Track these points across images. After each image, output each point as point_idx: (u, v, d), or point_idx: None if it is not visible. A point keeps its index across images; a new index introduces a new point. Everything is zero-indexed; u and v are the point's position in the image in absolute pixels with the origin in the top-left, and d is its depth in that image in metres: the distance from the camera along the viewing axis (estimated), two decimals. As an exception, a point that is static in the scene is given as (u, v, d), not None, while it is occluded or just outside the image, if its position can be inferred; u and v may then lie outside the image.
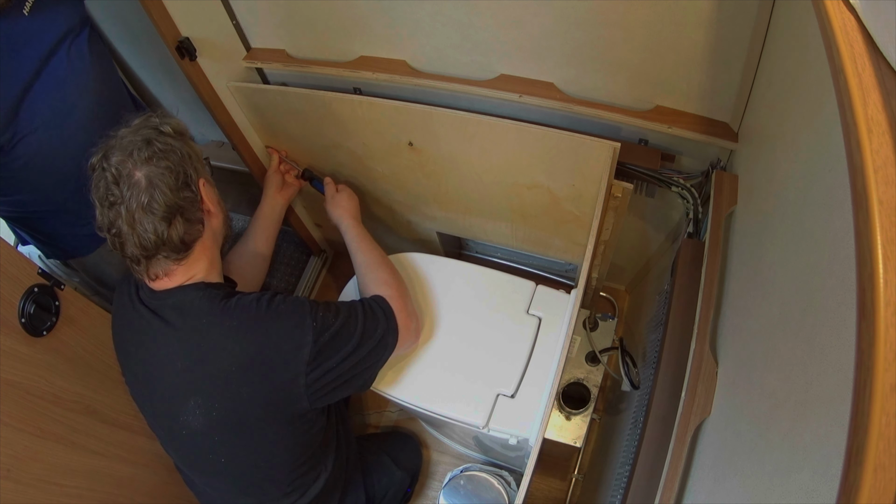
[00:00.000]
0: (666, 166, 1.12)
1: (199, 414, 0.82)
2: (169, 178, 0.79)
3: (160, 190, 0.78)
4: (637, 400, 1.12)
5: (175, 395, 0.84)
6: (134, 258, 0.80)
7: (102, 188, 0.79)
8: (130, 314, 0.87)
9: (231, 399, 0.82)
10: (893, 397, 0.33)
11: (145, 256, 0.80)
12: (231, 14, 1.19)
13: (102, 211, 0.79)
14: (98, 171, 0.80)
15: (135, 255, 0.80)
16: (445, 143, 1.17)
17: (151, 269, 0.82)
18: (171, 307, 0.83)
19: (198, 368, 0.82)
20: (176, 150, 0.82)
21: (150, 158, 0.78)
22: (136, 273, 0.84)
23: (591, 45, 0.97)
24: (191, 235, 0.82)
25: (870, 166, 0.40)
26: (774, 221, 0.70)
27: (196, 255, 0.84)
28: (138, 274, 0.84)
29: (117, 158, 0.78)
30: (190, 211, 0.82)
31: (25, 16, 0.88)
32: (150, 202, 0.77)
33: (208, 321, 0.82)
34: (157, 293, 0.84)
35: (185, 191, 0.81)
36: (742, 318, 0.75)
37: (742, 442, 0.62)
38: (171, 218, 0.79)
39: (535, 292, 1.22)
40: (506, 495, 1.24)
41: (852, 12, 0.49)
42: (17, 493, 0.79)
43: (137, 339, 0.88)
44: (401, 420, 1.63)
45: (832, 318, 0.47)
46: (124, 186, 0.77)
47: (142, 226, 0.77)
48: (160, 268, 0.82)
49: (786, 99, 0.75)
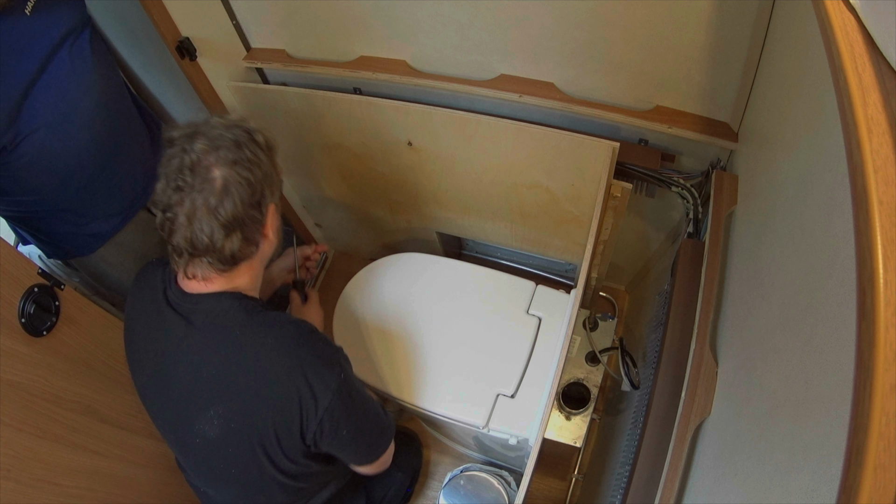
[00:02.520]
0: (666, 166, 1.12)
1: (216, 424, 0.80)
2: (245, 190, 0.75)
3: (232, 198, 0.74)
4: (637, 400, 1.12)
5: (194, 402, 0.81)
6: (178, 249, 0.76)
7: (175, 167, 0.74)
8: (152, 315, 0.84)
9: (252, 415, 0.79)
10: (893, 397, 0.33)
11: (190, 253, 0.76)
12: (231, 14, 1.19)
13: (165, 190, 0.74)
14: (177, 147, 0.75)
15: (180, 247, 0.76)
16: (445, 142, 1.17)
17: (191, 268, 0.78)
18: (204, 312, 0.80)
19: (224, 379, 0.79)
20: (262, 164, 0.78)
21: (234, 162, 0.75)
22: (173, 264, 0.80)
23: (591, 45, 0.97)
24: (242, 253, 0.79)
25: (870, 166, 0.40)
26: (774, 221, 0.70)
27: (240, 272, 0.81)
28: (175, 266, 0.80)
29: (201, 146, 0.74)
30: (251, 229, 0.78)
31: (27, 16, 0.88)
32: (218, 206, 0.74)
33: (243, 332, 0.79)
34: (189, 296, 0.81)
35: (254, 209, 0.77)
36: (742, 318, 0.75)
37: (742, 442, 0.62)
38: (231, 230, 0.75)
39: (535, 292, 1.22)
40: (506, 495, 1.24)
41: (852, 12, 0.49)
42: (17, 493, 0.79)
43: (158, 340, 0.84)
44: (401, 420, 1.63)
45: (832, 318, 0.47)
46: (199, 178, 0.73)
47: (199, 224, 0.73)
48: (200, 270, 0.78)
49: (786, 99, 0.75)
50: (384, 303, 1.26)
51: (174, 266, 0.80)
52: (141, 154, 1.18)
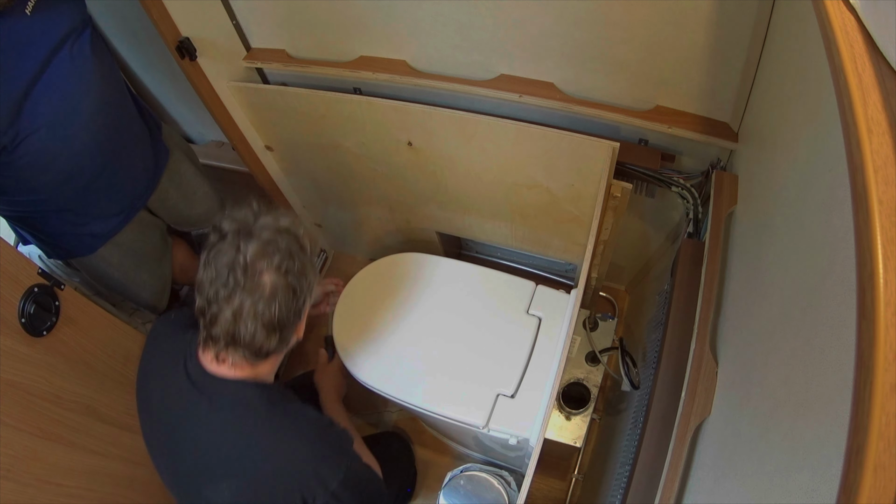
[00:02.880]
0: (666, 166, 1.12)
1: (227, 494, 0.83)
2: (290, 298, 0.79)
3: (278, 304, 0.78)
4: (637, 400, 1.12)
5: (208, 473, 0.84)
6: (215, 338, 0.79)
7: (225, 263, 0.77)
8: (172, 384, 0.87)
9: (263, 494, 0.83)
10: (893, 397, 0.33)
11: (227, 343, 0.79)
12: (231, 14, 1.19)
13: (213, 282, 0.77)
14: (228, 243, 0.78)
15: (218, 337, 0.79)
16: (445, 142, 1.17)
17: (222, 353, 0.81)
18: (225, 396, 0.84)
19: (242, 460, 0.83)
20: (307, 274, 0.82)
21: (286, 272, 0.78)
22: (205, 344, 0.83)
23: (591, 44, 0.97)
24: (276, 350, 0.83)
25: (870, 166, 0.40)
26: (774, 221, 0.70)
27: (266, 363, 0.85)
28: (206, 348, 0.83)
29: (255, 250, 0.77)
30: (288, 331, 0.83)
31: (28, 15, 0.88)
32: (265, 310, 0.77)
33: (266, 422, 0.84)
34: (213, 378, 0.83)
35: (295, 315, 0.82)
36: (742, 317, 0.75)
37: (742, 442, 0.62)
38: (272, 331, 0.79)
39: (535, 292, 1.22)
40: (506, 495, 1.24)
41: (852, 12, 0.49)
42: (17, 493, 0.79)
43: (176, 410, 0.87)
44: (399, 420, 1.63)
45: (832, 318, 0.47)
46: (249, 280, 0.76)
47: (245, 323, 0.77)
48: (232, 357, 0.81)
49: (786, 99, 0.75)
50: (384, 303, 1.26)
51: (204, 345, 0.83)
52: (141, 154, 1.18)
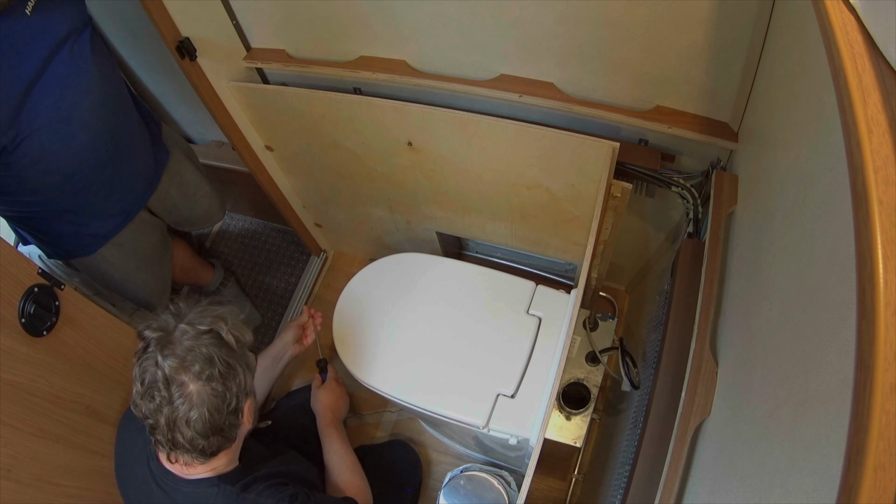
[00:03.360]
0: (666, 166, 1.12)
1: None
2: (220, 403, 0.80)
3: (209, 411, 0.79)
4: (637, 400, 1.12)
5: None
6: (160, 443, 0.81)
7: (149, 379, 0.78)
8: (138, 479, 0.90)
9: None
10: (893, 397, 0.33)
11: (171, 447, 0.81)
12: (231, 14, 1.18)
13: (143, 398, 0.79)
14: (150, 358, 0.79)
15: (162, 443, 0.80)
16: (445, 142, 1.17)
17: (173, 455, 0.83)
18: (186, 496, 0.85)
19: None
20: (236, 374, 0.82)
21: (209, 379, 0.78)
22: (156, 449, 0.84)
23: (590, 44, 0.97)
24: (222, 447, 0.84)
25: (870, 166, 0.40)
26: (774, 221, 0.70)
27: (220, 456, 0.86)
28: (159, 451, 0.85)
29: (173, 364, 0.77)
30: (229, 431, 0.83)
31: (28, 15, 0.87)
32: (197, 419, 0.78)
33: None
34: (172, 476, 0.86)
35: (231, 416, 0.82)
36: (742, 318, 0.75)
37: (742, 442, 0.62)
38: (209, 435, 0.80)
39: (535, 292, 1.22)
40: (506, 495, 1.24)
41: (852, 12, 0.49)
42: (17, 493, 0.79)
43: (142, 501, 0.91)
44: (400, 420, 1.63)
45: (832, 318, 0.47)
46: (175, 392, 0.77)
47: (180, 432, 0.78)
48: (182, 459, 0.83)
49: (786, 99, 0.75)
50: (384, 303, 1.26)
51: (156, 449, 0.85)
52: (141, 154, 1.18)
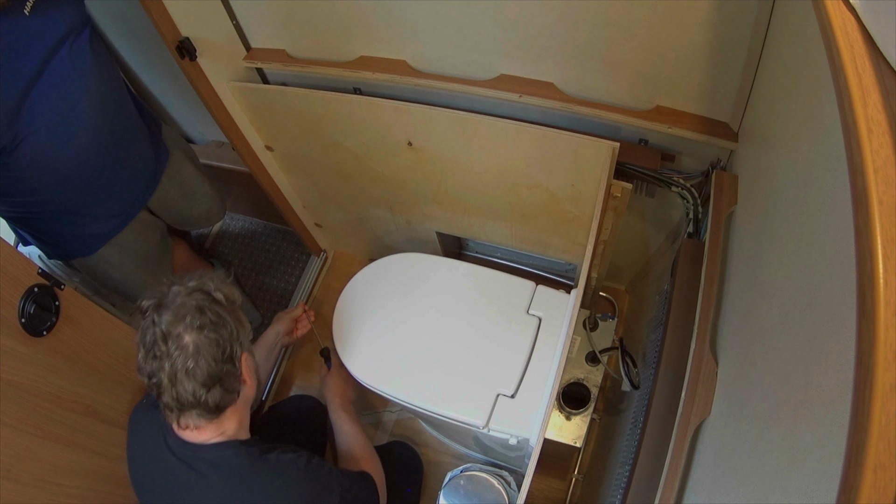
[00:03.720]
0: (666, 166, 1.12)
1: None
2: (215, 350, 0.84)
3: (205, 359, 0.83)
4: (637, 400, 1.12)
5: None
6: (168, 407, 0.85)
7: (150, 339, 0.83)
8: (156, 459, 0.92)
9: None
10: (893, 397, 0.33)
11: (179, 409, 0.85)
12: (231, 14, 1.19)
13: (146, 359, 0.84)
14: (148, 321, 0.84)
15: (170, 405, 0.85)
16: (445, 142, 1.17)
17: (183, 420, 0.86)
18: (208, 463, 0.88)
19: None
20: (226, 323, 0.87)
21: (201, 327, 0.83)
22: (167, 418, 0.88)
23: (591, 44, 0.97)
24: (225, 402, 0.87)
25: (870, 166, 0.40)
26: (774, 221, 0.70)
27: (227, 416, 0.89)
28: (170, 420, 0.88)
29: (168, 318, 0.82)
30: (228, 381, 0.87)
31: (26, 16, 0.87)
32: (194, 368, 0.82)
33: (251, 478, 0.88)
34: (190, 445, 0.88)
35: (227, 364, 0.86)
36: (742, 318, 0.75)
37: (742, 442, 0.62)
38: (210, 385, 0.84)
39: (535, 292, 1.22)
40: (506, 495, 1.24)
41: (852, 12, 0.49)
42: (17, 493, 0.79)
43: (164, 483, 0.92)
44: (400, 420, 1.63)
45: (832, 318, 0.47)
46: (172, 345, 0.82)
47: (182, 385, 0.82)
48: (191, 421, 0.86)
49: (786, 99, 0.75)
50: (384, 303, 1.26)
51: (167, 419, 0.88)
52: (141, 154, 1.18)
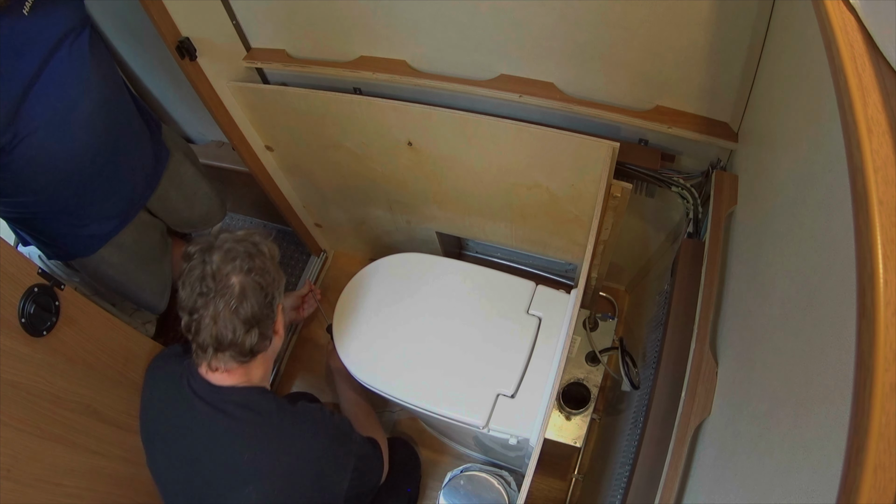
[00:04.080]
0: (666, 166, 1.12)
1: (254, 497, 0.88)
2: (259, 294, 0.89)
3: (249, 301, 0.88)
4: (637, 400, 1.12)
5: (230, 481, 0.90)
6: (203, 345, 0.88)
7: (197, 276, 0.87)
8: (176, 402, 0.94)
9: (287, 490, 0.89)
10: (893, 397, 0.33)
11: (215, 348, 0.88)
12: (231, 14, 1.19)
13: (190, 295, 0.87)
14: (196, 260, 0.88)
15: (205, 343, 0.88)
16: (445, 142, 1.17)
17: (214, 362, 0.90)
18: (238, 404, 0.91)
19: (264, 459, 0.89)
20: (270, 272, 0.92)
21: (249, 270, 0.88)
22: (198, 359, 0.91)
23: (591, 45, 0.97)
24: (258, 347, 0.91)
25: (870, 166, 0.40)
26: (774, 221, 0.70)
27: (256, 363, 0.94)
28: (199, 361, 0.91)
29: (219, 258, 0.88)
30: (265, 326, 0.91)
31: (25, 16, 0.87)
32: (238, 307, 0.87)
33: (279, 421, 0.92)
34: (217, 388, 0.92)
35: (267, 308, 0.91)
36: (742, 318, 0.75)
37: (742, 442, 0.62)
38: (249, 327, 0.88)
39: (535, 292, 1.22)
40: (506, 495, 1.24)
41: (852, 12, 0.49)
42: (17, 493, 0.79)
43: (184, 425, 0.93)
44: (400, 420, 1.63)
45: (832, 318, 0.47)
46: (221, 284, 0.87)
47: (223, 323, 0.86)
48: (223, 363, 0.90)
49: (786, 99, 0.75)
50: (384, 303, 1.26)
51: (197, 360, 0.92)
52: (141, 155, 1.18)
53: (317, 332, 1.78)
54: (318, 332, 1.77)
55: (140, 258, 1.26)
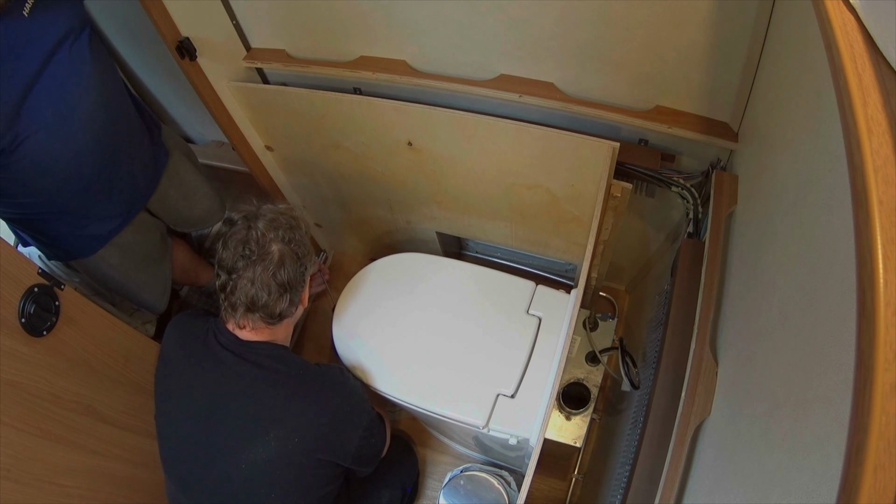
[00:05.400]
0: (666, 166, 1.12)
1: (273, 446, 0.92)
2: (296, 263, 0.96)
3: (286, 268, 0.94)
4: (637, 400, 1.12)
5: (252, 428, 0.94)
6: (235, 305, 0.93)
7: (241, 239, 0.93)
8: (198, 353, 0.98)
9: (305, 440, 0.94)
10: (893, 397, 0.33)
11: (247, 308, 0.93)
12: (231, 14, 1.19)
13: (232, 256, 0.93)
14: (240, 225, 0.95)
15: (238, 303, 0.93)
16: (445, 142, 1.17)
17: (243, 319, 0.95)
18: (268, 356, 0.97)
19: (289, 406, 0.95)
20: (305, 244, 1.00)
21: (289, 241, 0.96)
22: (226, 315, 0.96)
23: (591, 45, 0.97)
24: (286, 312, 0.97)
25: (870, 166, 0.40)
26: (774, 221, 0.70)
27: (281, 327, 1.00)
28: (228, 317, 0.96)
29: (264, 225, 0.94)
30: (295, 293, 0.98)
31: (25, 17, 0.87)
32: (276, 273, 0.93)
33: (305, 374, 0.98)
34: (247, 343, 0.97)
35: (300, 277, 0.98)
36: (742, 318, 0.75)
37: (742, 442, 0.62)
38: (283, 292, 0.95)
39: (535, 292, 1.22)
40: (506, 495, 1.24)
41: (852, 12, 0.49)
42: (17, 493, 0.79)
43: (210, 378, 0.97)
44: (400, 420, 1.63)
45: (832, 318, 0.47)
46: (262, 250, 0.93)
47: (260, 286, 0.92)
48: (251, 321, 0.95)
49: (786, 99, 0.75)
50: (384, 303, 1.26)
51: (225, 317, 0.97)
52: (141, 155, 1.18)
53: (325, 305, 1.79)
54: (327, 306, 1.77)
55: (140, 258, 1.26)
